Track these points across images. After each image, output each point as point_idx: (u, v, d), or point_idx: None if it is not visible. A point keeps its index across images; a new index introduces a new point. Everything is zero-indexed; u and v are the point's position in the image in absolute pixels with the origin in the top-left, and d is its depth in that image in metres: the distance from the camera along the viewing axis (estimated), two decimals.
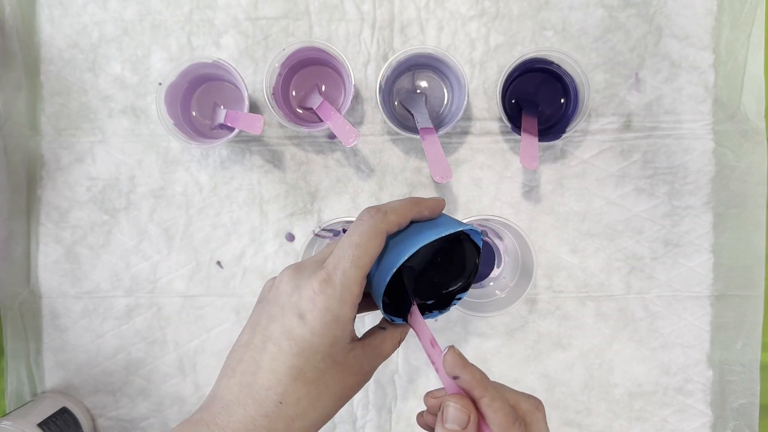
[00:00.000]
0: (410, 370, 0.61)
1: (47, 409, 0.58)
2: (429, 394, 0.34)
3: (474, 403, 0.31)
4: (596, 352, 0.60)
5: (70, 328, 0.62)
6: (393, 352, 0.37)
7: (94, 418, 0.62)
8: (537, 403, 0.33)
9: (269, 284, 0.36)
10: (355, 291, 0.33)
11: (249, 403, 0.32)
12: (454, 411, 0.31)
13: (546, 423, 0.33)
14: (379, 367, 0.60)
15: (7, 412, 0.59)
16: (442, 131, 0.56)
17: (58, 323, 0.62)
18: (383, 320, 0.38)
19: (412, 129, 0.56)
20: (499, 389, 0.33)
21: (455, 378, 0.32)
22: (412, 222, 0.36)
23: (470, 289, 0.60)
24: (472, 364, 0.32)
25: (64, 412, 0.59)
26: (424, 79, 0.60)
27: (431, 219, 0.37)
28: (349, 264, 0.32)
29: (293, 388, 0.32)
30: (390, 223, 0.34)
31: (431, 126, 0.55)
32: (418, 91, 0.60)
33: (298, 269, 0.34)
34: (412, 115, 0.58)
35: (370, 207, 0.35)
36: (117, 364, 0.62)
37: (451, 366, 0.32)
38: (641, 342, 0.60)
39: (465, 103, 0.55)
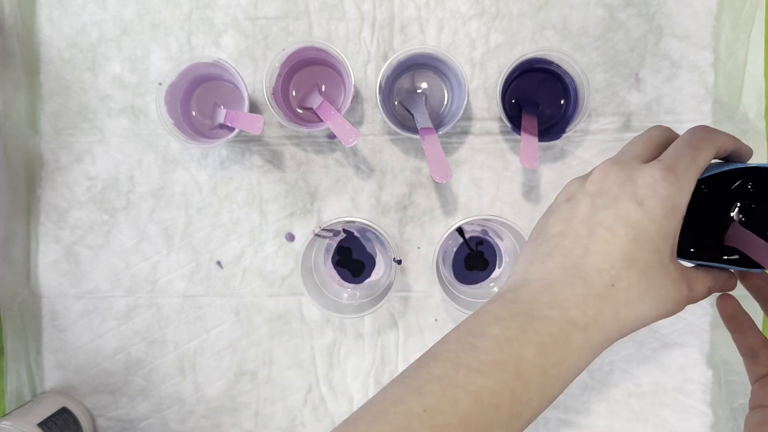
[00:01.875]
0: None
1: (47, 409, 0.58)
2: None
3: None
4: None
5: (69, 328, 0.62)
6: (703, 297, 0.35)
7: (93, 418, 0.62)
8: None
9: (577, 182, 0.35)
10: (692, 187, 0.32)
11: (578, 283, 0.31)
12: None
13: None
14: (379, 366, 0.60)
15: (7, 412, 0.59)
16: (442, 131, 0.56)
17: (57, 323, 0.62)
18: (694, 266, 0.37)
19: (412, 129, 0.56)
20: None
21: None
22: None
23: (470, 289, 0.60)
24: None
25: (63, 412, 0.59)
26: (425, 79, 0.60)
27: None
28: (690, 160, 0.32)
29: (626, 273, 0.31)
30: (722, 141, 0.34)
31: (431, 126, 0.55)
32: (419, 90, 0.59)
33: (621, 163, 0.33)
34: (412, 115, 0.58)
35: (703, 125, 0.35)
36: (117, 364, 0.62)
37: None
38: (641, 342, 0.60)
39: (465, 103, 0.55)
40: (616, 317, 0.31)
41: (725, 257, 0.38)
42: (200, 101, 0.60)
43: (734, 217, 0.38)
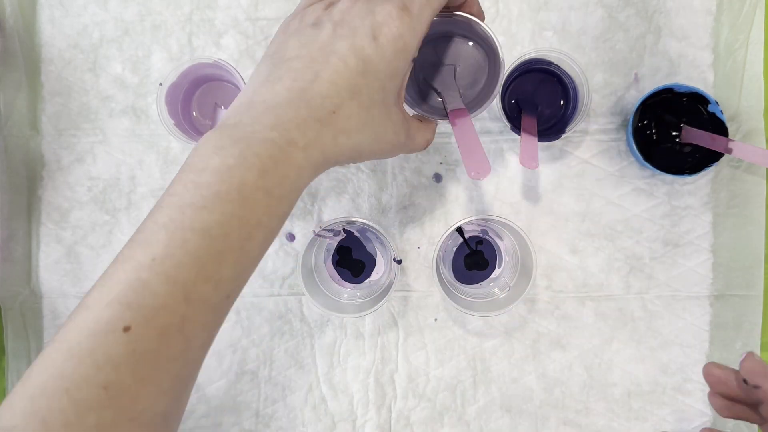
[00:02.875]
0: (410, 370, 0.61)
1: None
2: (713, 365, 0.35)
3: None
4: (595, 351, 0.61)
5: None
6: (422, 147, 0.37)
7: None
8: None
9: (323, 5, 0.35)
10: (425, 28, 0.33)
11: (302, 106, 0.32)
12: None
13: None
14: (379, 366, 0.61)
15: None
16: (476, 114, 0.44)
17: (59, 323, 0.62)
18: (417, 116, 0.39)
19: (440, 112, 0.45)
20: None
21: (756, 387, 0.30)
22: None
23: (470, 289, 0.60)
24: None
25: None
26: (453, 49, 0.47)
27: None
28: (425, 2, 0.33)
29: (348, 104, 0.32)
30: None
31: (463, 106, 0.43)
32: (447, 64, 0.47)
33: None
34: (439, 94, 0.46)
35: None
36: None
37: (750, 372, 0.31)
38: (640, 342, 0.60)
39: (502, 79, 0.44)
40: (335, 141, 0.32)
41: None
42: (201, 102, 0.60)
43: (683, 124, 0.55)
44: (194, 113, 0.60)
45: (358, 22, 0.33)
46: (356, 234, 0.60)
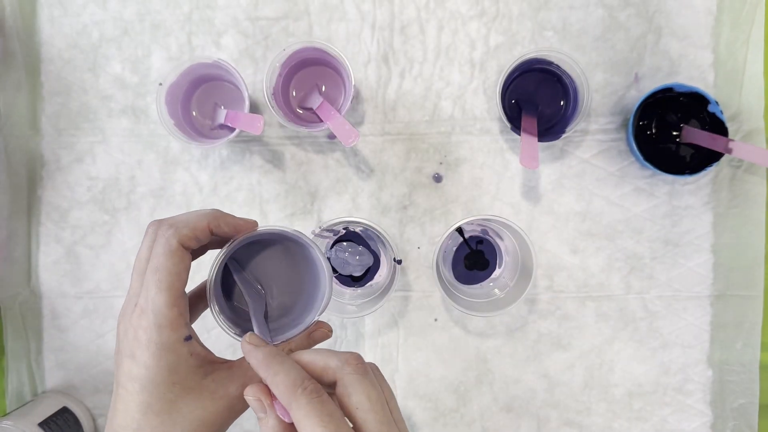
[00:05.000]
0: (411, 370, 0.61)
1: (48, 408, 0.58)
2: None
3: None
4: (596, 352, 0.60)
5: (70, 327, 0.62)
6: (241, 390, 0.34)
7: (94, 418, 0.62)
8: (347, 357, 0.32)
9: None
10: (170, 314, 0.33)
11: None
12: (251, 402, 0.32)
13: (362, 373, 0.31)
14: (379, 366, 0.60)
15: (8, 411, 0.60)
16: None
17: (58, 323, 0.62)
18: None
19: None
20: (306, 357, 0.33)
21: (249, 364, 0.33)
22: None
23: (470, 289, 0.60)
24: (262, 346, 0.33)
25: (64, 412, 0.59)
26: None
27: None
28: (155, 290, 0.33)
29: (145, 421, 0.33)
30: (183, 236, 0.34)
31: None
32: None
33: (124, 314, 0.34)
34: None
35: (156, 222, 0.35)
36: None
37: (244, 352, 0.33)
38: (641, 342, 0.60)
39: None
40: None
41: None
42: (201, 101, 0.60)
43: (683, 124, 0.56)
44: (194, 113, 0.60)
45: (122, 344, 0.34)
46: (361, 234, 0.60)
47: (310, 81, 0.60)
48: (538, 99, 0.59)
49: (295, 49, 0.55)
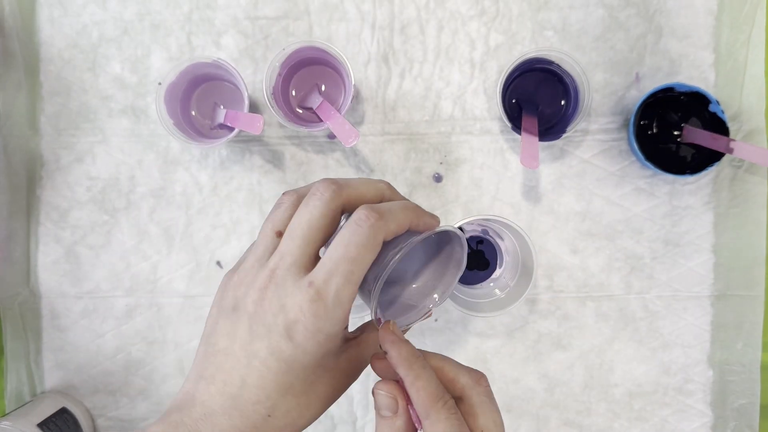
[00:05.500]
0: None
1: (47, 409, 0.58)
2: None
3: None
4: (596, 352, 0.60)
5: (69, 328, 0.62)
6: (367, 361, 0.35)
7: (93, 419, 0.62)
8: (478, 377, 0.32)
9: (240, 285, 0.33)
10: (348, 308, 0.31)
11: (235, 415, 0.31)
12: (381, 397, 0.31)
13: (489, 396, 0.31)
14: None
15: (7, 412, 0.59)
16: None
17: (57, 323, 0.62)
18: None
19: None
20: (436, 363, 0.32)
21: (386, 354, 0.31)
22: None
23: (470, 289, 0.60)
24: (404, 341, 0.31)
25: (63, 413, 0.59)
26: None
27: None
28: (343, 281, 0.30)
29: (282, 402, 0.31)
30: (390, 232, 0.32)
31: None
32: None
33: (274, 280, 0.31)
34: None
35: (369, 209, 0.31)
36: (117, 364, 0.62)
37: (382, 339, 0.31)
38: (641, 342, 0.60)
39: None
40: None
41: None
42: (200, 101, 0.60)
43: (684, 124, 0.56)
44: (193, 113, 0.60)
45: (271, 319, 0.31)
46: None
47: (309, 81, 0.60)
48: (538, 99, 0.59)
49: (294, 48, 0.55)
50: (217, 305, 0.34)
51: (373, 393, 0.31)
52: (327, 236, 0.32)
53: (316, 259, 0.32)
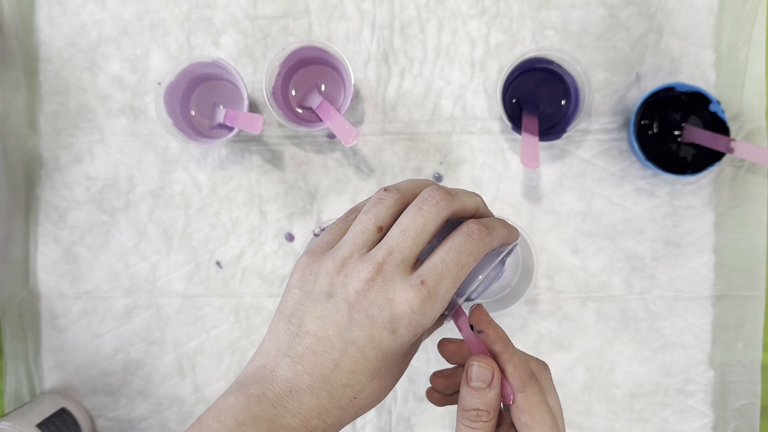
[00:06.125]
0: (410, 371, 0.61)
1: (46, 409, 0.58)
2: (438, 373, 0.37)
3: (495, 360, 0.33)
4: (597, 352, 0.60)
5: (68, 328, 0.62)
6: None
7: (92, 419, 0.62)
8: (545, 365, 0.36)
9: (339, 272, 0.33)
10: (447, 304, 0.33)
11: (323, 395, 0.32)
12: (478, 369, 0.33)
13: (552, 381, 0.35)
14: None
15: (6, 412, 0.59)
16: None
17: (56, 323, 0.62)
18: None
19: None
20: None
21: (479, 332, 0.34)
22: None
23: None
24: (495, 322, 0.34)
25: (62, 413, 0.59)
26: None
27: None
28: (451, 284, 0.32)
29: (369, 386, 0.33)
30: (493, 246, 0.34)
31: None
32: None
33: (383, 274, 0.32)
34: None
35: (480, 225, 0.33)
36: (116, 364, 0.62)
37: (477, 320, 0.34)
38: (642, 343, 0.60)
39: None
40: (354, 416, 0.34)
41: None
42: (199, 101, 0.60)
43: (684, 123, 0.56)
44: (193, 112, 0.60)
45: (376, 311, 0.31)
46: None
47: (309, 80, 0.59)
48: (538, 98, 0.59)
49: (294, 48, 0.55)
50: (301, 287, 0.35)
51: (465, 366, 0.33)
52: (430, 240, 0.34)
53: (417, 260, 0.34)
